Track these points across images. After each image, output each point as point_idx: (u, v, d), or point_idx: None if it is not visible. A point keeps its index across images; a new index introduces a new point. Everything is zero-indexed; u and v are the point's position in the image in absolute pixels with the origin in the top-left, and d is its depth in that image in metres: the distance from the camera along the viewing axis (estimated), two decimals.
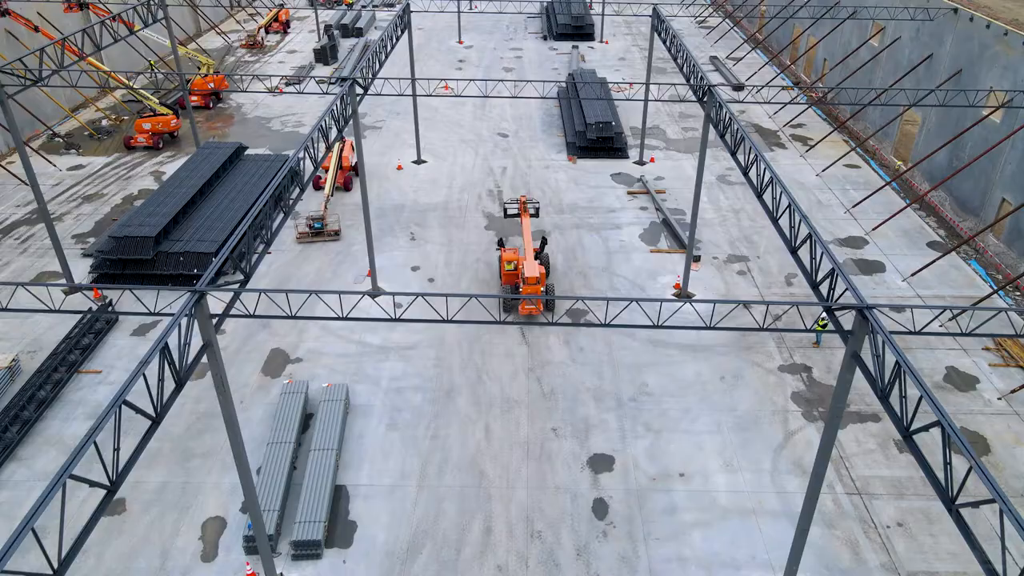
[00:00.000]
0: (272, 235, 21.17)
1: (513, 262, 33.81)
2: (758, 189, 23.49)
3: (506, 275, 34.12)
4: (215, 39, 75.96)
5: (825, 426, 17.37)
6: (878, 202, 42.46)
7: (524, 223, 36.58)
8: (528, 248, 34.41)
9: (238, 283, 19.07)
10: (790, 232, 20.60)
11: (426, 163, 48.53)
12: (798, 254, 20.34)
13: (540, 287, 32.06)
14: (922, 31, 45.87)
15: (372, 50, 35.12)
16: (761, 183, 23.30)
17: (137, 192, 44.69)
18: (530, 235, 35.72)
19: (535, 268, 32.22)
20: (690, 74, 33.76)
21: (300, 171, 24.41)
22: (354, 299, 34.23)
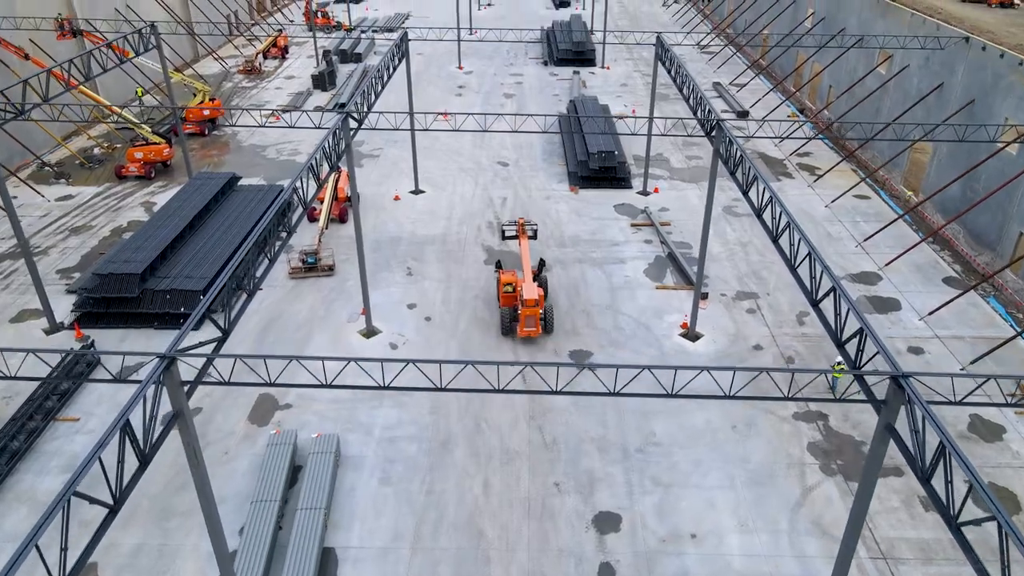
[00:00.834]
0: (255, 285, 19.78)
1: (511, 284, 33.35)
2: (774, 233, 22.13)
3: (504, 297, 33.53)
4: (213, 64, 75.22)
5: (854, 503, 15.85)
6: (890, 235, 41.13)
7: (522, 245, 36.00)
8: (526, 270, 34.00)
9: (215, 341, 17.64)
10: (811, 283, 19.19)
11: (424, 193, 47.30)
12: (820, 307, 18.93)
13: (539, 309, 31.78)
14: (932, 60, 44.84)
15: (368, 81, 34.00)
16: (777, 227, 21.94)
17: (126, 224, 43.40)
18: (528, 257, 35.02)
19: (534, 290, 31.86)
20: (696, 106, 32.56)
21: (289, 213, 23.07)
22: (344, 352, 32.76)
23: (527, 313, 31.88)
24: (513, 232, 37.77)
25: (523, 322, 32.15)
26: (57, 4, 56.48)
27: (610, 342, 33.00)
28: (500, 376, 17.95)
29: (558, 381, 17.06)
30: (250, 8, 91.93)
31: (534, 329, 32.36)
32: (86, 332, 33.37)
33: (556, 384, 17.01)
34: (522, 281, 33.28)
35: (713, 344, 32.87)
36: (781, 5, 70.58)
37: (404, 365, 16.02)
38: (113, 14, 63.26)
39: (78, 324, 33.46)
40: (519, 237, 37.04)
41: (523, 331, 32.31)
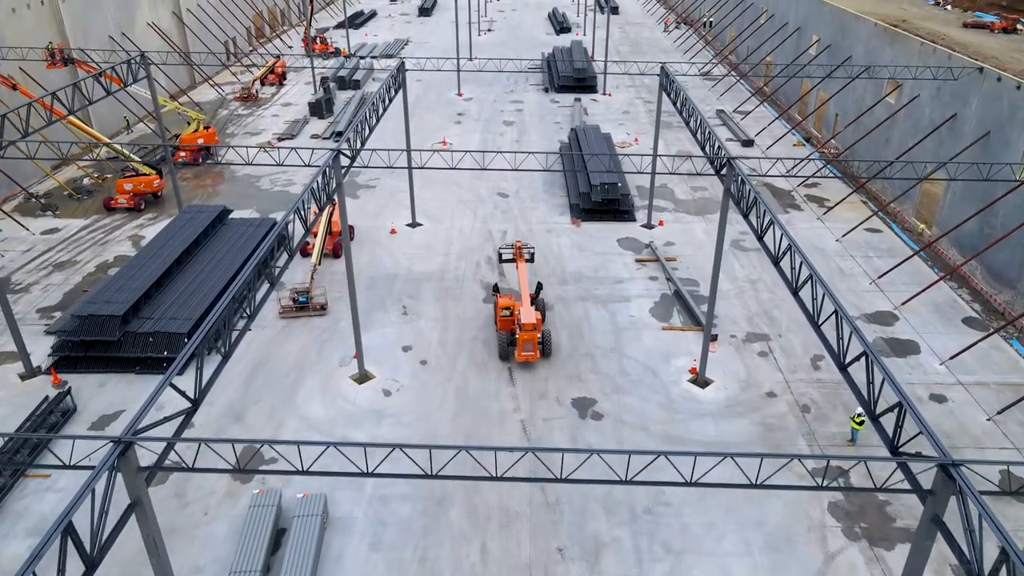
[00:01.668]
0: (231, 347, 18.17)
1: (509, 308, 33.18)
2: (794, 286, 20.56)
3: (502, 321, 33.36)
4: (209, 91, 74.23)
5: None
6: (905, 271, 39.57)
7: (520, 269, 35.40)
8: (524, 294, 33.63)
9: (183, 413, 16.00)
10: (837, 344, 17.58)
11: (421, 226, 45.85)
12: (848, 371, 17.30)
13: (537, 333, 31.64)
14: (944, 90, 43.61)
15: (362, 115, 32.65)
16: (797, 279, 20.38)
17: (112, 259, 41.90)
18: (526, 281, 34.55)
19: (532, 314, 31.74)
20: (704, 141, 31.18)
21: (272, 262, 21.52)
22: (334, 400, 31.10)
23: (525, 337, 31.58)
24: (510, 255, 37.53)
25: (521, 346, 31.85)
26: (49, 32, 55.51)
27: (615, 389, 31.31)
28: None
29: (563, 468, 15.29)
30: (248, 35, 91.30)
31: (532, 353, 31.96)
32: (63, 377, 31.70)
33: (561, 470, 15.26)
34: (520, 305, 32.99)
35: (724, 391, 31.18)
36: (784, 32, 69.72)
37: (391, 450, 14.30)
38: (107, 42, 62.32)
39: (55, 369, 31.80)
40: (516, 260, 36.59)
41: (521, 355, 31.99)
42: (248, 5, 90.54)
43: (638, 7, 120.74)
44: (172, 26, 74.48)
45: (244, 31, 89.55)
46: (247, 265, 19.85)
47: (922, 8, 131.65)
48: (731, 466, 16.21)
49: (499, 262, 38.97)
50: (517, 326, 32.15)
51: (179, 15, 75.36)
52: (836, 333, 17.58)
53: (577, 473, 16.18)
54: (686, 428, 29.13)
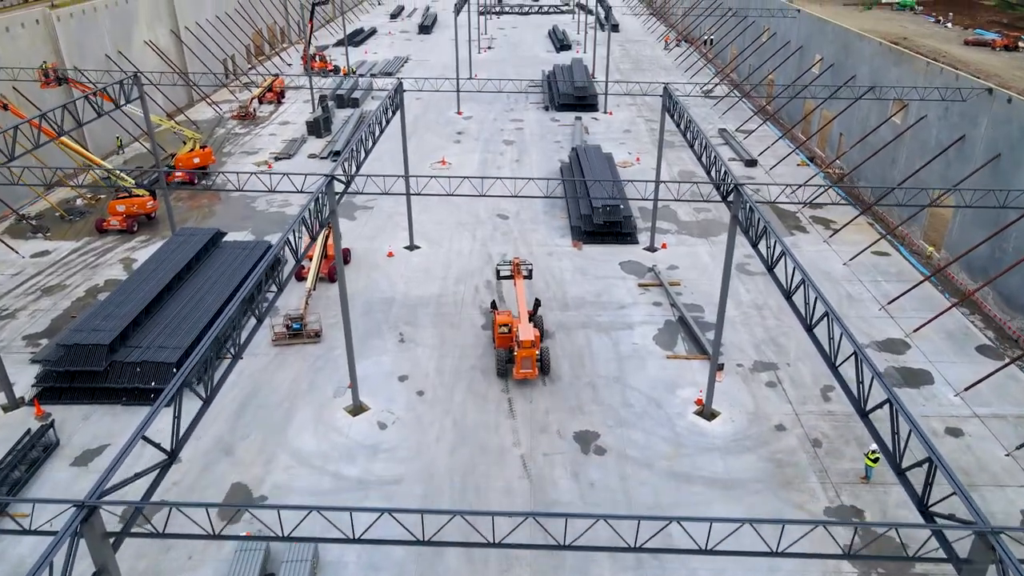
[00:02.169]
0: (213, 391, 17.11)
1: (507, 325, 32.96)
2: (808, 322, 19.53)
3: (500, 338, 33.17)
4: (207, 110, 73.58)
5: None
6: (915, 296, 38.54)
7: (518, 285, 35.08)
8: (522, 311, 33.17)
9: (159, 467, 14.92)
10: (858, 389, 16.52)
11: (419, 249, 44.91)
12: (869, 417, 16.24)
13: (535, 350, 31.44)
14: (951, 111, 42.81)
15: (358, 138, 31.80)
16: (811, 315, 19.35)
17: (103, 283, 40.92)
18: (524, 298, 34.21)
19: (530, 331, 31.47)
20: (710, 166, 30.28)
21: (258, 300, 20.50)
22: (327, 432, 29.97)
23: (523, 355, 31.31)
24: (508, 272, 37.24)
25: (519, 364, 31.59)
26: (44, 52, 54.88)
27: (618, 422, 30.20)
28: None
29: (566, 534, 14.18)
30: (248, 53, 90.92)
31: (530, 371, 31.74)
32: (47, 409, 30.61)
33: (565, 537, 14.15)
34: (518, 322, 32.65)
35: (731, 424, 30.07)
36: (787, 51, 69.16)
37: (379, 514, 13.16)
38: (103, 61, 61.72)
39: (38, 401, 30.70)
40: (514, 277, 36.18)
41: (519, 373, 31.75)
42: (247, 23, 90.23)
43: (639, 25, 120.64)
44: (170, 44, 74.00)
45: (243, 49, 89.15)
46: (232, 300, 18.86)
47: (922, 26, 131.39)
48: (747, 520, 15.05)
49: (497, 279, 38.69)
50: (515, 343, 31.87)
51: (177, 33, 74.92)
52: (856, 376, 16.53)
53: (583, 535, 15.01)
54: (693, 464, 27.99)
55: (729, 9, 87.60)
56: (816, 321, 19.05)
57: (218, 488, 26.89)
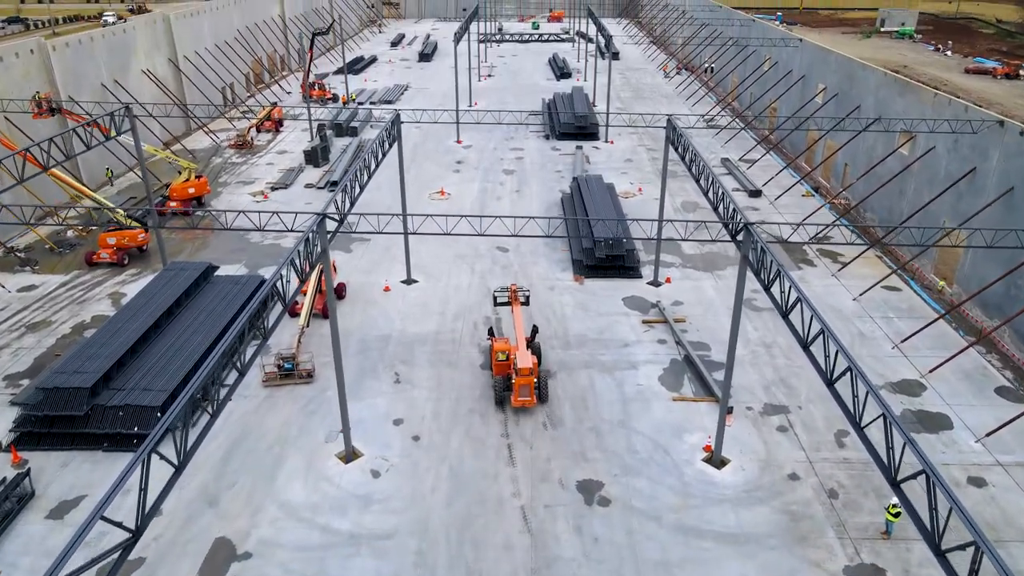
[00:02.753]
0: (187, 456, 15.79)
1: (505, 352, 32.69)
2: (829, 376, 18.25)
3: (497, 366, 32.92)
4: (204, 139, 72.88)
5: None
6: (928, 334, 37.26)
7: (515, 312, 34.95)
8: (520, 338, 33.06)
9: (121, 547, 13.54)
10: (888, 458, 15.19)
11: (417, 283, 43.74)
12: (901, 487, 14.89)
13: (533, 378, 31.25)
14: (961, 143, 41.89)
15: (354, 171, 30.78)
16: (832, 369, 18.08)
17: (90, 319, 39.68)
18: (522, 324, 34.07)
19: (528, 359, 31.34)
20: (717, 202, 29.22)
21: (241, 346, 19.25)
22: (317, 481, 28.45)
23: (521, 382, 31.11)
24: (505, 298, 37.00)
25: (517, 392, 31.32)
26: (38, 82, 54.23)
27: (624, 469, 28.77)
28: None
29: None
30: (247, 81, 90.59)
31: (528, 399, 31.43)
32: (24, 456, 29.19)
33: None
34: (516, 349, 32.44)
35: (742, 472, 28.62)
36: (789, 80, 68.62)
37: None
38: (99, 90, 61.10)
39: (15, 447, 29.31)
40: (512, 304, 35.99)
41: (517, 401, 31.46)
42: (247, 52, 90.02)
43: (639, 53, 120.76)
44: (168, 73, 73.54)
45: (242, 77, 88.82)
46: (216, 347, 17.61)
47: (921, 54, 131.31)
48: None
49: (494, 305, 38.44)
50: (513, 371, 31.51)
51: (175, 62, 74.50)
52: (886, 442, 15.21)
53: None
54: (702, 516, 26.51)
55: (730, 38, 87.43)
56: (838, 376, 17.77)
57: (200, 543, 25.39)
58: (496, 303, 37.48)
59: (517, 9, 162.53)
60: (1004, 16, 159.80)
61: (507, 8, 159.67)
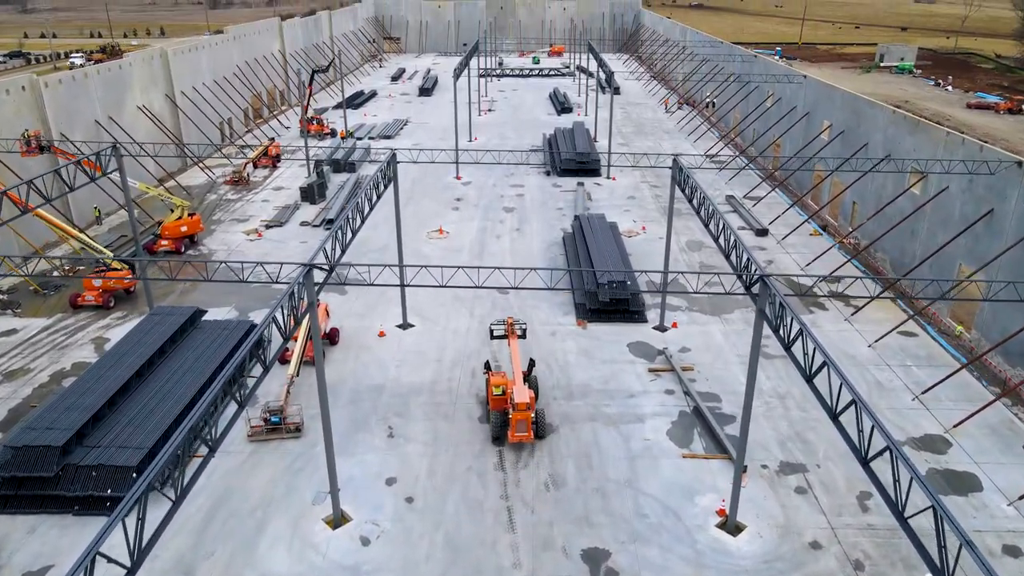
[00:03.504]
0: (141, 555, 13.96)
1: (501, 387, 32.14)
2: (863, 454, 16.47)
3: (494, 400, 32.30)
4: (199, 175, 71.77)
5: None
6: (950, 384, 35.46)
7: (512, 346, 34.36)
8: (517, 372, 32.54)
9: None
10: (940, 551, 13.37)
11: (413, 327, 42.05)
12: None
13: (530, 413, 30.72)
14: (976, 183, 40.53)
15: (344, 216, 29.31)
16: (866, 447, 16.30)
17: (70, 367, 37.93)
18: (519, 358, 33.51)
19: (525, 393, 30.84)
20: (729, 251, 27.67)
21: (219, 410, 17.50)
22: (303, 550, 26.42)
23: (518, 417, 30.51)
24: (502, 331, 36.29)
25: (514, 427, 30.70)
26: (29, 119, 53.17)
27: (631, 536, 26.77)
28: None
29: None
30: (246, 116, 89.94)
31: (526, 434, 30.78)
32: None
33: None
34: (512, 383, 31.96)
35: (759, 539, 26.62)
36: (793, 116, 67.70)
37: None
38: (92, 127, 60.10)
39: None
40: (508, 337, 35.41)
41: (514, 436, 30.83)
42: (246, 87, 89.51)
43: (639, 88, 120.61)
44: (165, 109, 72.72)
45: (241, 112, 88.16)
46: (179, 428, 15.88)
47: (922, 89, 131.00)
48: None
49: (491, 338, 37.57)
50: (510, 405, 30.87)
51: (172, 98, 73.75)
52: (937, 536, 13.40)
53: None
54: None
55: (732, 74, 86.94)
56: (874, 455, 16.00)
57: None
58: (493, 336, 36.80)
59: (517, 44, 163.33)
60: (1003, 51, 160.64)
61: (507, 43, 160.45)
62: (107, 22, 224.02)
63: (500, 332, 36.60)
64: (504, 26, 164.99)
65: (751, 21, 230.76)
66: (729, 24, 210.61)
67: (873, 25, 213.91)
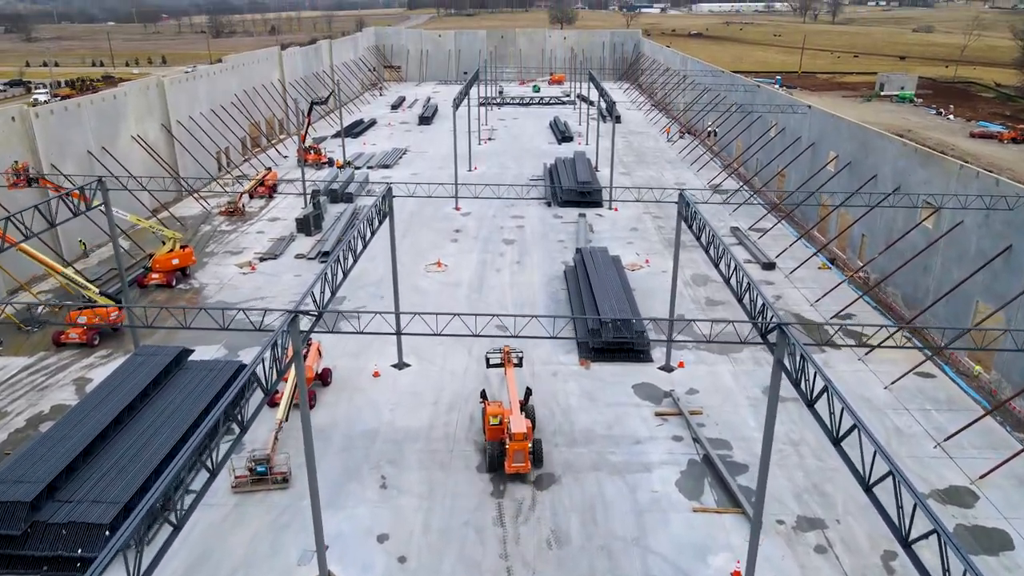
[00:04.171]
0: None
1: (498, 416, 31.71)
2: (904, 536, 14.75)
3: (491, 431, 31.87)
4: (194, 205, 70.53)
5: None
6: (974, 431, 33.69)
7: (508, 375, 34.03)
8: (513, 401, 32.21)
9: None
10: None
11: (409, 367, 40.38)
12: None
13: (527, 443, 30.25)
14: (993, 218, 39.14)
15: (337, 253, 27.85)
16: (908, 529, 14.60)
17: (48, 410, 36.22)
18: (515, 387, 33.15)
19: (522, 423, 30.41)
20: (742, 293, 26.14)
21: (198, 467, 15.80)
22: None
23: (515, 448, 30.11)
24: (498, 360, 35.49)
25: (511, 457, 30.31)
26: (19, 151, 52.00)
27: None
28: None
29: None
30: (243, 146, 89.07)
31: (523, 464, 30.39)
32: None
33: None
34: (509, 412, 31.62)
35: None
36: (797, 147, 66.64)
37: None
38: (85, 158, 58.98)
39: None
40: (505, 366, 35.13)
41: (511, 467, 30.42)
42: (244, 116, 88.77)
43: (640, 116, 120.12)
44: (160, 138, 71.74)
45: (238, 142, 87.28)
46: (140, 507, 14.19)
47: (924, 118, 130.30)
48: None
49: (487, 367, 36.61)
50: (508, 436, 30.48)
51: (168, 127, 72.82)
52: None
53: None
54: None
55: (734, 104, 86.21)
56: (917, 538, 14.29)
57: None
58: (489, 365, 36.04)
59: (518, 72, 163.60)
60: (1003, 80, 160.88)
61: (508, 71, 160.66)
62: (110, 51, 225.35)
63: (496, 361, 36.00)
64: (504, 55, 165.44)
65: (750, 50, 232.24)
66: (728, 53, 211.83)
67: (871, 54, 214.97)
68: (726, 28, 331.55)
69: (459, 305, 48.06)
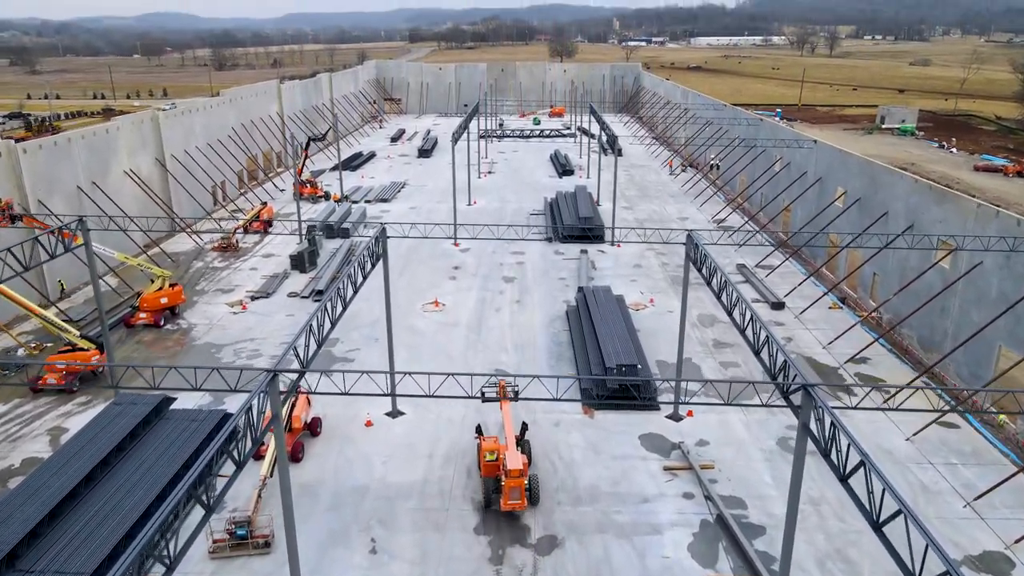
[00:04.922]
0: None
1: (494, 452, 31.17)
2: None
3: (486, 467, 31.33)
4: (187, 240, 68.93)
5: None
6: (1005, 489, 31.47)
7: (504, 409, 33.05)
8: (509, 437, 31.23)
9: None
10: None
11: (403, 415, 38.34)
12: None
13: (523, 480, 29.53)
14: (1015, 259, 37.41)
15: (327, 298, 26.05)
16: None
17: (19, 464, 34.11)
18: (511, 422, 32.08)
19: (518, 459, 29.80)
20: (760, 347, 24.28)
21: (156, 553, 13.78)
22: None
23: (511, 485, 29.41)
24: (494, 394, 33.68)
25: (507, 495, 29.53)
26: (5, 187, 50.52)
27: None
28: None
29: None
30: (240, 179, 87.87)
31: (519, 502, 29.65)
32: None
33: None
34: (505, 448, 30.99)
35: None
36: (804, 182, 65.25)
37: None
38: (74, 194, 57.51)
39: None
40: (500, 401, 33.34)
41: (507, 504, 29.63)
42: (241, 149, 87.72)
43: (642, 150, 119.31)
44: (154, 173, 70.43)
45: (235, 176, 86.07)
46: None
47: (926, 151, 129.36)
48: None
49: (482, 401, 34.41)
50: (503, 472, 29.91)
51: (162, 161, 71.57)
52: None
53: None
54: None
55: (737, 137, 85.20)
56: None
57: None
58: (484, 399, 33.52)
59: (518, 105, 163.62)
60: (1003, 113, 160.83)
61: (508, 104, 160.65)
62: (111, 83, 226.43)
63: (492, 395, 34.06)
64: (505, 88, 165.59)
65: (749, 83, 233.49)
66: (728, 85, 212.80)
67: (870, 87, 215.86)
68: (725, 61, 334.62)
69: (457, 347, 46.13)
